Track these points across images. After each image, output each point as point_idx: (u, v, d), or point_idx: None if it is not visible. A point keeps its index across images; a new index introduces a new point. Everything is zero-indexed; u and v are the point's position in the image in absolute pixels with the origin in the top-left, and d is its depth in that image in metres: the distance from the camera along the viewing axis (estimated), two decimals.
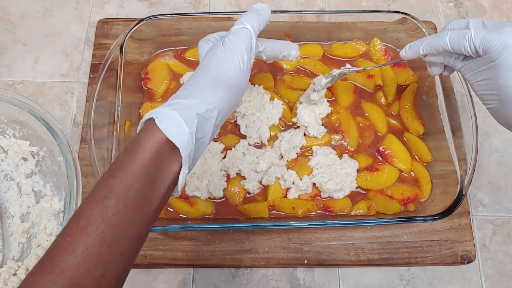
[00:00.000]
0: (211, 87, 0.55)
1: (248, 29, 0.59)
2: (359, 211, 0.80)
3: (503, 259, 0.83)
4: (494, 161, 0.91)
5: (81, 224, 0.43)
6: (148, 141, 0.49)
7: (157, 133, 0.49)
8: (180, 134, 0.50)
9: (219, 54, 0.57)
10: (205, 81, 0.55)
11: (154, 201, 0.49)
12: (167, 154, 0.50)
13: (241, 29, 0.59)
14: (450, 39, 0.60)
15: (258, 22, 0.60)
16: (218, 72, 0.56)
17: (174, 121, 0.50)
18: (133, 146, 0.49)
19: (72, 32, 1.01)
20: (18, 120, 0.79)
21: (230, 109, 0.58)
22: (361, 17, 0.89)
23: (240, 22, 0.59)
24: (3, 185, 0.82)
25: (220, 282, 0.80)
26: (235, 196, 0.80)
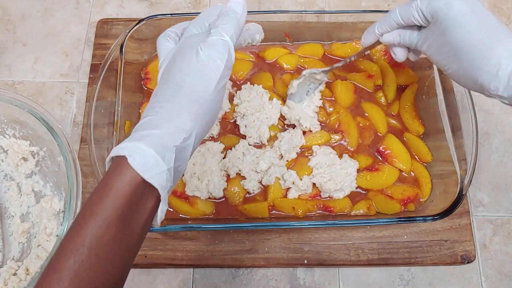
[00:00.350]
0: (186, 110, 0.49)
1: (226, 41, 0.52)
2: (359, 211, 0.80)
3: (503, 259, 0.83)
4: (494, 161, 0.91)
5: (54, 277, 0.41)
6: (121, 183, 0.44)
7: (130, 173, 0.44)
8: (157, 173, 0.45)
9: (193, 69, 0.51)
10: (179, 103, 0.49)
11: (130, 244, 0.45)
12: (142, 194, 0.45)
13: (218, 41, 0.52)
14: (399, 12, 0.64)
15: (236, 30, 0.54)
16: (193, 92, 0.50)
17: (150, 159, 0.45)
18: (104, 189, 0.44)
19: (72, 32, 1.01)
20: (18, 120, 0.79)
21: (207, 131, 0.53)
22: (361, 17, 0.89)
23: (217, 32, 0.53)
24: (3, 185, 0.82)
25: (220, 282, 0.80)
26: (235, 196, 0.80)
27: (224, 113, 0.87)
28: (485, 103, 0.96)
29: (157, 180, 0.45)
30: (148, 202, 0.46)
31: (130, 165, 0.44)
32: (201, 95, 0.50)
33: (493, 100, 0.95)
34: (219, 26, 0.53)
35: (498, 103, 0.97)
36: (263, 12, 0.90)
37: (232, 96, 0.89)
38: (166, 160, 0.46)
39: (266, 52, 0.93)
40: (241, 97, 0.87)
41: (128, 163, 0.44)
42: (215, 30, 0.53)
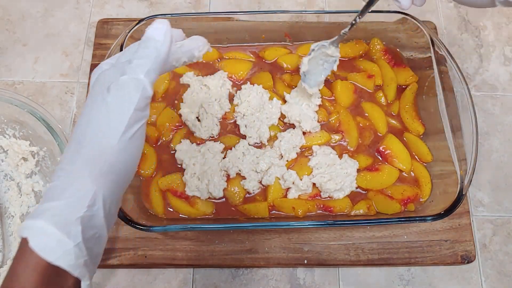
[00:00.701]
0: (87, 171, 0.43)
1: (140, 79, 0.46)
2: (359, 211, 0.80)
3: (503, 259, 0.83)
4: (494, 161, 0.91)
5: None
6: (26, 271, 0.39)
7: (34, 258, 0.39)
8: (63, 253, 0.39)
9: (94, 119, 0.44)
10: (80, 163, 0.43)
11: None
12: (54, 277, 0.40)
13: (130, 81, 0.45)
14: None
15: (156, 63, 0.47)
16: (94, 147, 0.43)
17: (52, 238, 0.39)
18: (10, 281, 0.39)
19: (72, 32, 1.01)
20: (18, 120, 0.79)
21: (123, 188, 0.47)
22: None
23: (130, 70, 0.46)
24: (3, 185, 0.82)
25: (220, 282, 0.80)
26: (235, 196, 0.80)
27: (224, 113, 0.87)
28: (485, 103, 0.96)
29: (64, 260, 0.39)
30: (65, 284, 0.40)
31: (32, 249, 0.39)
32: (103, 150, 0.43)
33: (493, 100, 0.96)
34: (133, 61, 0.47)
35: (498, 103, 0.97)
36: (263, 12, 0.90)
37: (232, 96, 0.89)
38: (72, 235, 0.40)
39: (266, 52, 0.93)
40: (241, 97, 0.87)
41: (31, 246, 0.39)
42: (128, 66, 0.46)
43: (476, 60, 1.00)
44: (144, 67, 0.46)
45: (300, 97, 0.86)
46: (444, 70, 0.83)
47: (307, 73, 0.82)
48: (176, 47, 0.53)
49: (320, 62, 0.82)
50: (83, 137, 0.44)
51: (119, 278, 0.80)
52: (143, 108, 0.46)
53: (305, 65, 0.81)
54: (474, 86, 0.97)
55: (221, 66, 0.92)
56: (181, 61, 0.56)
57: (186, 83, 0.89)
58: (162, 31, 0.49)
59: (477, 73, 0.99)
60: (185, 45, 0.55)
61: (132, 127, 0.45)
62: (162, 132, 0.86)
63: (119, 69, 0.47)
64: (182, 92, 0.89)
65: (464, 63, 1.00)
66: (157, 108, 0.88)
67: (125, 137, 0.44)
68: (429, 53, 0.84)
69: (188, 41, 0.56)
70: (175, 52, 0.53)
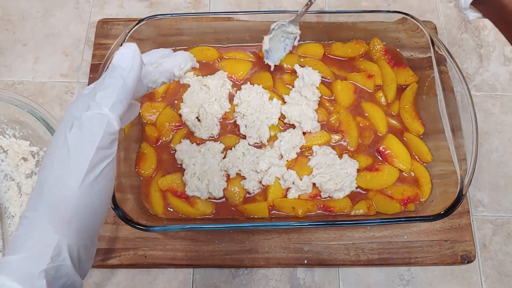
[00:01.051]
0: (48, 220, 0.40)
1: (105, 114, 0.42)
2: (359, 211, 0.80)
3: (503, 259, 0.83)
4: (494, 161, 0.91)
5: None
6: None
7: None
8: None
9: (55, 162, 0.41)
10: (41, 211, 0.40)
11: None
12: None
13: (94, 117, 0.42)
14: None
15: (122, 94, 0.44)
16: (55, 194, 0.41)
17: None
18: None
19: (72, 32, 1.01)
20: (18, 120, 0.80)
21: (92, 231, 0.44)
22: (361, 17, 0.89)
23: (93, 104, 0.43)
24: (3, 185, 0.82)
25: (220, 282, 0.80)
26: (235, 196, 0.80)
27: (224, 113, 0.87)
28: (485, 103, 0.96)
29: None
30: None
31: None
32: (64, 196, 0.40)
33: (493, 100, 0.96)
34: (97, 94, 0.43)
35: (498, 103, 0.97)
36: (263, 12, 0.90)
37: (232, 96, 0.89)
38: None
39: None
40: (241, 97, 0.87)
41: None
42: (92, 100, 0.43)
43: (476, 60, 1.00)
44: (109, 100, 0.43)
45: (300, 97, 0.86)
46: (444, 70, 0.83)
47: (269, 51, 0.86)
48: (152, 67, 0.50)
49: (281, 39, 0.85)
50: (45, 182, 0.41)
51: (119, 278, 0.80)
52: (109, 145, 0.43)
53: (266, 43, 0.85)
54: (474, 86, 0.97)
55: (221, 66, 0.92)
56: (159, 82, 0.52)
57: (186, 83, 0.89)
58: (128, 57, 0.45)
59: (477, 73, 0.99)
60: (163, 65, 0.52)
61: (95, 168, 0.42)
62: (162, 132, 0.86)
63: (85, 102, 0.43)
64: (182, 92, 0.89)
65: (464, 63, 1.00)
66: (157, 108, 0.88)
67: (87, 180, 0.41)
68: (429, 53, 0.84)
69: (167, 60, 0.53)
70: (150, 74, 0.50)
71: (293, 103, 0.86)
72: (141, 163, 0.83)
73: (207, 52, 0.93)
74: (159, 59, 0.52)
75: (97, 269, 0.81)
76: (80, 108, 0.43)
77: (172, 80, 0.53)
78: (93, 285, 0.80)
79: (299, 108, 0.85)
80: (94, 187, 0.42)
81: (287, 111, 0.85)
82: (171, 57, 0.53)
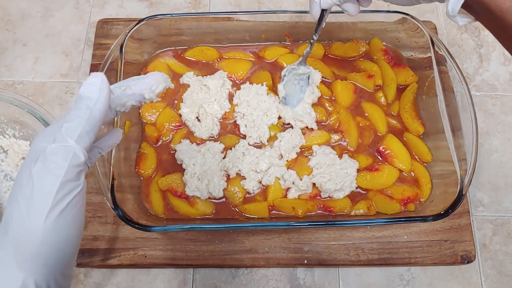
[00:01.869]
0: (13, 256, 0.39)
1: (70, 146, 0.42)
2: (359, 211, 0.80)
3: (503, 259, 0.83)
4: (494, 161, 0.91)
5: None
6: None
7: None
8: None
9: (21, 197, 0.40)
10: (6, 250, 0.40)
11: None
12: None
13: (59, 149, 0.42)
14: None
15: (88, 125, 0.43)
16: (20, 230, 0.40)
17: None
18: None
19: (72, 32, 1.01)
20: (18, 120, 0.80)
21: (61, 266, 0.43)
22: (361, 17, 0.89)
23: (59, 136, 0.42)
24: (3, 185, 0.82)
25: (220, 282, 0.80)
26: (235, 196, 0.80)
27: (224, 113, 0.87)
28: (485, 103, 0.96)
29: None
30: None
31: None
32: (28, 232, 0.40)
33: (493, 100, 0.96)
34: (63, 126, 0.43)
35: (498, 103, 0.97)
36: (263, 12, 0.90)
37: (232, 96, 0.89)
38: None
39: (266, 51, 0.93)
40: (241, 97, 0.87)
41: None
42: (58, 132, 0.42)
43: (476, 60, 1.00)
44: (75, 132, 0.42)
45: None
46: (444, 70, 0.83)
47: (287, 97, 0.86)
48: (120, 90, 0.49)
49: (295, 82, 0.85)
50: (10, 218, 0.40)
51: (119, 278, 0.80)
52: (75, 177, 0.42)
53: (281, 91, 0.85)
54: (474, 86, 0.97)
55: (221, 66, 0.92)
56: (127, 105, 0.50)
57: (186, 83, 0.89)
58: (95, 87, 0.44)
59: (477, 73, 0.99)
60: (132, 87, 0.50)
61: (60, 202, 0.41)
62: (162, 132, 0.86)
63: (51, 134, 0.43)
64: (182, 92, 0.89)
65: (464, 63, 1.00)
66: (157, 108, 0.88)
67: (52, 215, 0.40)
68: (429, 53, 0.84)
69: (137, 82, 0.51)
70: (118, 97, 0.49)
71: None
72: (141, 163, 0.83)
73: (207, 52, 0.93)
74: (129, 82, 0.51)
75: (97, 269, 0.81)
76: (46, 140, 0.43)
77: (142, 103, 0.52)
78: (93, 285, 0.80)
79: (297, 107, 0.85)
80: (61, 221, 0.41)
81: (281, 109, 0.85)
82: (142, 79, 0.51)
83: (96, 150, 0.50)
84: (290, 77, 0.85)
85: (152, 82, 0.51)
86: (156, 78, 0.52)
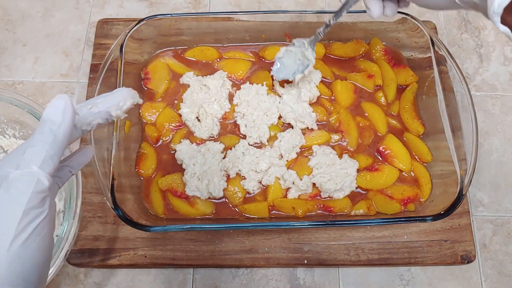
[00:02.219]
0: None
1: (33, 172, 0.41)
2: (359, 211, 0.80)
3: (503, 259, 0.83)
4: (494, 161, 0.91)
5: None
6: None
7: None
8: None
9: None
10: None
11: None
12: None
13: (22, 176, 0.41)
14: None
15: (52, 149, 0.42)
16: None
17: None
18: None
19: (72, 32, 1.01)
20: (18, 120, 0.79)
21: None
22: (361, 17, 0.89)
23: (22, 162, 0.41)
24: None
25: (220, 282, 0.80)
26: (235, 196, 0.80)
27: (224, 113, 0.87)
28: (485, 103, 0.96)
29: None
30: None
31: None
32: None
33: (493, 100, 0.96)
34: (27, 151, 0.42)
35: (498, 103, 0.97)
36: (263, 12, 0.90)
37: (232, 96, 0.89)
38: None
39: (266, 51, 0.92)
40: (241, 97, 0.87)
41: None
42: (22, 158, 0.42)
43: (476, 60, 1.00)
44: (38, 157, 0.41)
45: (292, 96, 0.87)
46: (444, 70, 0.83)
47: (280, 63, 0.84)
48: (86, 109, 0.48)
49: (297, 61, 0.83)
50: None
51: (119, 278, 0.80)
52: (38, 204, 0.41)
53: (281, 52, 0.83)
54: (474, 86, 0.97)
55: (221, 66, 0.92)
56: (93, 123, 0.49)
57: (186, 83, 0.89)
58: (59, 110, 0.43)
59: (477, 73, 0.99)
60: (98, 105, 0.49)
61: (24, 230, 0.40)
62: (162, 132, 0.86)
63: (15, 159, 0.42)
64: (182, 92, 0.89)
65: (464, 63, 1.00)
66: (157, 108, 0.88)
67: (16, 243, 0.39)
68: (429, 53, 0.84)
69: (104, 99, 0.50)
70: (84, 117, 0.48)
71: (286, 100, 0.86)
72: (141, 163, 0.83)
73: (207, 52, 0.93)
74: (96, 100, 0.50)
75: (97, 269, 0.81)
76: (9, 166, 0.42)
77: (109, 120, 0.51)
78: (93, 285, 0.80)
79: (296, 106, 0.85)
80: (26, 249, 0.40)
81: (282, 109, 0.85)
82: (108, 96, 0.51)
83: (67, 169, 0.50)
84: (297, 50, 0.83)
85: (119, 99, 0.51)
86: (123, 94, 0.51)
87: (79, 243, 0.79)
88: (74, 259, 0.78)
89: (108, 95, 0.51)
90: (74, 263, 0.78)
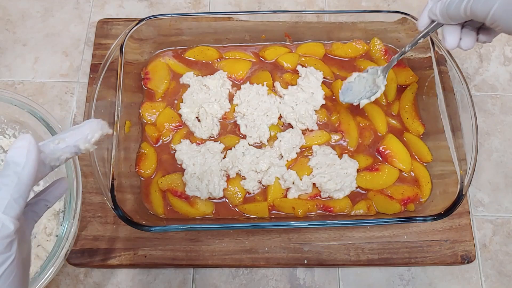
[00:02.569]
0: None
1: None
2: (359, 211, 0.80)
3: (503, 259, 0.83)
4: (494, 161, 0.91)
5: None
6: None
7: None
8: None
9: None
10: None
11: None
12: None
13: None
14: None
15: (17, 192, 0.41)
16: None
17: None
18: None
19: (72, 32, 1.01)
20: (18, 120, 0.79)
21: None
22: (361, 17, 0.89)
23: None
24: None
25: (220, 282, 0.80)
26: (235, 196, 0.80)
27: (224, 113, 0.87)
28: (485, 103, 0.96)
29: None
30: None
31: None
32: None
33: (493, 100, 0.96)
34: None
35: (498, 103, 0.97)
36: (263, 12, 0.90)
37: (232, 96, 0.89)
38: None
39: (266, 51, 0.93)
40: (241, 97, 0.87)
41: None
42: None
43: (476, 60, 1.00)
44: (2, 202, 0.40)
45: (298, 95, 0.86)
46: (444, 70, 0.83)
47: (349, 88, 0.82)
48: (53, 145, 0.47)
49: (367, 87, 0.82)
50: None
51: (119, 278, 0.80)
52: (4, 250, 0.40)
53: (352, 77, 0.82)
54: (474, 86, 0.97)
55: (221, 66, 0.92)
56: (62, 158, 0.48)
57: (186, 83, 0.89)
58: (23, 151, 0.41)
59: (477, 73, 0.99)
60: (66, 140, 0.48)
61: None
62: (162, 132, 0.86)
63: None
64: (182, 92, 0.89)
65: (464, 63, 1.00)
66: (157, 108, 0.88)
67: None
68: (429, 53, 0.84)
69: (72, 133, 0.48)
70: (52, 152, 0.47)
71: (291, 101, 0.86)
72: (141, 163, 0.83)
73: (207, 52, 0.93)
74: (63, 134, 0.49)
75: (97, 269, 0.81)
76: None
77: (79, 153, 0.49)
78: (93, 285, 0.80)
79: (298, 107, 0.85)
80: None
81: (282, 109, 0.85)
82: (76, 129, 0.49)
83: (43, 203, 0.49)
84: (369, 77, 0.82)
85: (87, 131, 0.49)
86: (91, 126, 0.50)
87: (79, 243, 0.79)
88: (74, 259, 0.78)
89: (76, 128, 0.49)
90: (74, 263, 0.78)
